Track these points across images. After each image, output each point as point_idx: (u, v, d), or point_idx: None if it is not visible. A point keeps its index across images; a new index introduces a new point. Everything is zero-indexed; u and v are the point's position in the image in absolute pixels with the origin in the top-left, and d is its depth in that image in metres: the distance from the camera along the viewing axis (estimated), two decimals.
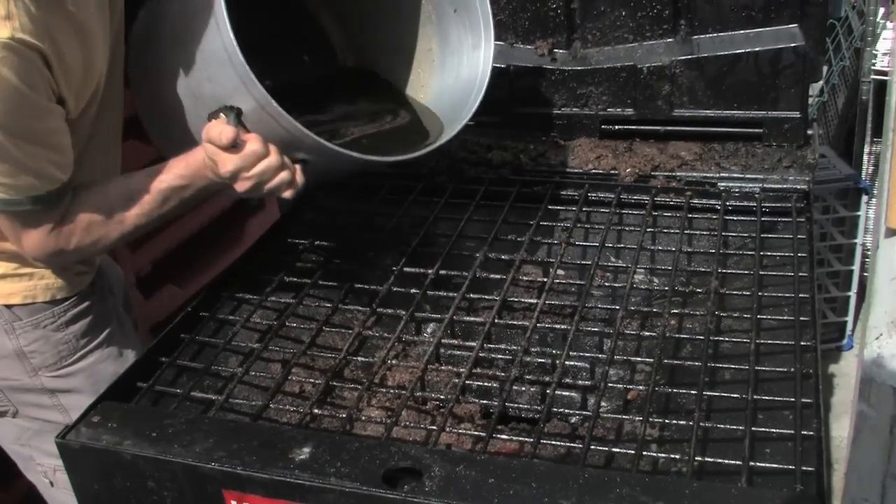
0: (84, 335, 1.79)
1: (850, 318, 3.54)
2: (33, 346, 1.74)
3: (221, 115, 1.54)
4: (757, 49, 1.97)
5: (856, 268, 3.47)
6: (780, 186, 1.90)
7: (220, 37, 1.50)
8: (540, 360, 1.58)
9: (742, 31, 1.99)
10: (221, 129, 1.51)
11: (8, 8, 1.39)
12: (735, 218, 1.85)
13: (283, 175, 1.55)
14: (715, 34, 2.01)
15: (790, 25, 1.95)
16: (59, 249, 1.62)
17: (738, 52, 1.98)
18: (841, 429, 2.83)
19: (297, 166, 1.57)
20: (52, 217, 1.58)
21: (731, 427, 1.33)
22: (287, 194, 1.59)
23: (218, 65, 1.54)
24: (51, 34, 1.46)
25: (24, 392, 1.79)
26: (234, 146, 1.52)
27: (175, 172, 1.62)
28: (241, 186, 1.55)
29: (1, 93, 1.41)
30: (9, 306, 1.71)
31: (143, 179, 1.63)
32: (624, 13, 2.04)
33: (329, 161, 1.60)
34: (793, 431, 1.29)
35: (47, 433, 1.80)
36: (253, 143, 1.52)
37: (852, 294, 3.49)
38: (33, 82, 1.45)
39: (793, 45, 1.95)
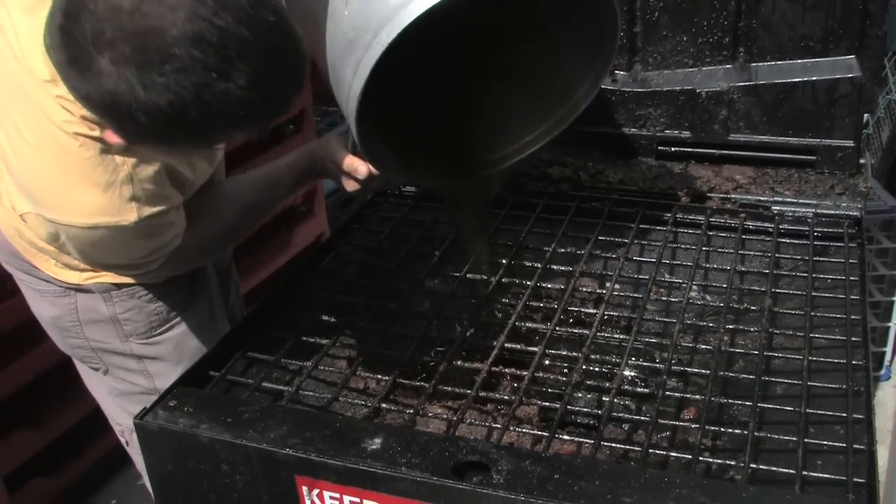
0: (175, 308, 1.88)
1: (888, 349, 3.55)
2: (127, 314, 1.83)
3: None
4: (814, 78, 2.02)
5: None
6: (832, 212, 1.95)
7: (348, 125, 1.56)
8: (597, 368, 1.63)
9: (800, 61, 2.04)
10: (357, 166, 1.68)
11: (132, 190, 1.50)
12: (788, 241, 1.90)
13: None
14: (773, 62, 2.06)
15: (847, 56, 2.00)
16: (178, 268, 1.79)
17: (795, 80, 2.03)
18: (878, 456, 2.85)
19: None
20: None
21: (784, 438, 1.37)
22: None
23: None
24: (173, 170, 1.58)
25: (115, 355, 1.89)
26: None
27: (288, 182, 1.80)
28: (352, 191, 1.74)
29: (136, 251, 1.61)
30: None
31: (257, 192, 1.82)
32: (685, 38, 2.10)
33: None
34: (844, 444, 1.34)
35: (129, 395, 1.92)
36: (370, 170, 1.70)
37: (892, 325, 3.51)
38: (165, 231, 1.60)
39: (849, 75, 2.00)
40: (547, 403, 1.54)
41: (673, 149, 2.17)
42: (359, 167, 1.67)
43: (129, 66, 1.19)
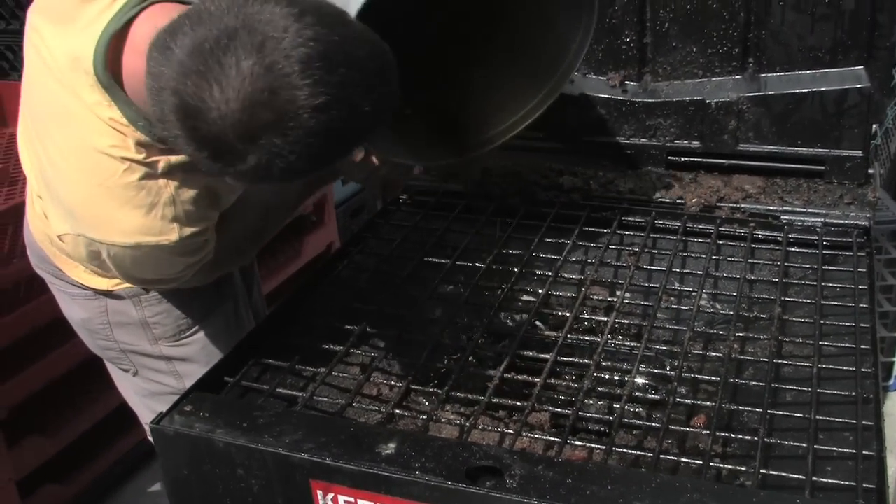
0: (202, 310, 1.91)
1: None
2: (156, 318, 1.86)
3: None
4: (823, 89, 2.03)
5: None
6: (841, 222, 1.96)
7: None
8: (608, 375, 1.65)
9: (809, 71, 2.05)
10: None
11: (174, 211, 1.55)
12: (797, 250, 1.91)
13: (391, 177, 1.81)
14: (782, 73, 2.08)
15: (856, 67, 2.02)
16: (205, 277, 1.81)
17: (804, 91, 2.05)
18: (888, 466, 2.85)
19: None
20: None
21: (794, 444, 1.38)
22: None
23: None
24: (213, 191, 1.62)
25: (145, 357, 1.93)
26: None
27: (300, 181, 1.77)
28: (362, 182, 1.81)
29: (174, 267, 1.65)
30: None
31: (276, 195, 1.84)
32: (694, 49, 2.12)
33: None
34: (854, 451, 1.35)
35: (160, 395, 1.95)
36: (373, 159, 1.74)
37: None
38: (202, 248, 1.65)
39: (858, 86, 2.01)
40: (559, 410, 1.55)
41: (683, 159, 2.19)
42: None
43: (276, 147, 1.23)
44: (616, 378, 1.61)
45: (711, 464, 1.38)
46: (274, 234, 1.91)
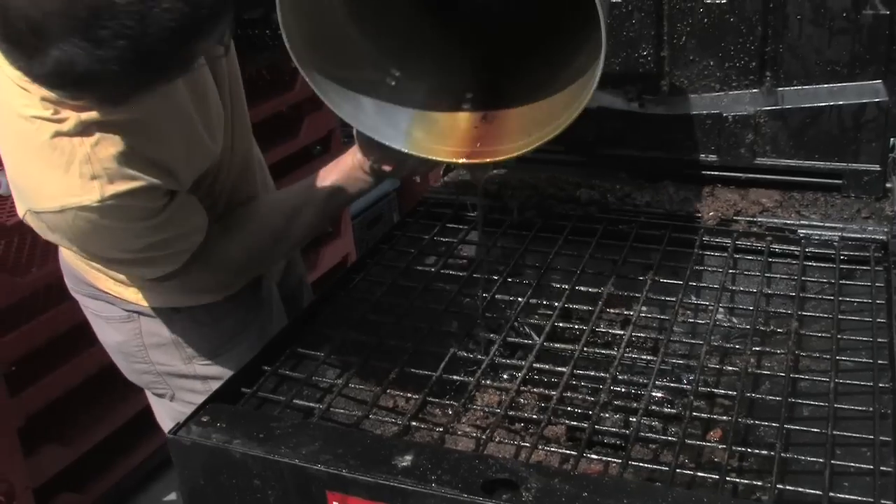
0: (234, 328, 1.92)
1: None
2: (188, 336, 1.87)
3: None
4: (840, 103, 2.03)
5: None
6: (858, 236, 1.95)
7: None
8: (624, 388, 1.65)
9: (826, 85, 2.05)
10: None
11: (92, 169, 1.48)
12: (814, 264, 1.91)
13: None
14: (799, 87, 2.07)
15: (874, 81, 2.02)
16: (227, 279, 1.81)
17: (821, 105, 2.05)
18: None
19: None
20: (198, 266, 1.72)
21: (811, 459, 1.38)
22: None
23: None
24: (141, 151, 1.54)
25: (180, 377, 1.93)
26: None
27: (332, 179, 1.80)
28: (392, 173, 1.78)
29: (127, 240, 1.58)
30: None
31: (302, 194, 1.82)
32: (711, 63, 2.12)
33: None
34: (871, 467, 1.35)
35: None
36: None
37: None
38: (149, 217, 1.57)
39: (876, 100, 2.01)
40: (575, 423, 1.55)
41: (700, 172, 2.19)
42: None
43: (73, 35, 1.20)
44: (632, 392, 1.61)
45: (728, 478, 1.37)
46: (305, 240, 1.89)
